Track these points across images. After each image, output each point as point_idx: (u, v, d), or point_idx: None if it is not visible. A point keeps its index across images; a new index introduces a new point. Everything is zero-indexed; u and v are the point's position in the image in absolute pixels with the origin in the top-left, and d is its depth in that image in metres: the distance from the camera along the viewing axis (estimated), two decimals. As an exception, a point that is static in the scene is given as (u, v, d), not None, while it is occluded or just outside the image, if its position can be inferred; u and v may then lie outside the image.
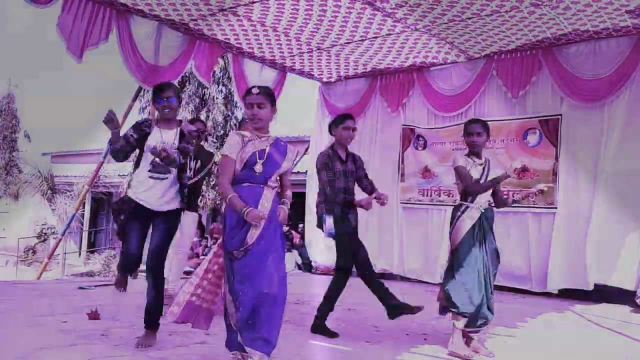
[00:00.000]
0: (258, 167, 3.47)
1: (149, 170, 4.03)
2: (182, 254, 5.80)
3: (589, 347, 4.70)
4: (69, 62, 6.76)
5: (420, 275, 8.75)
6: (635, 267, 6.92)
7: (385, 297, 4.75)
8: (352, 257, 4.78)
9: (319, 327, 4.70)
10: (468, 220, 4.23)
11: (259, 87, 3.60)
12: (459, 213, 4.29)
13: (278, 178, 3.61)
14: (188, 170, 5.09)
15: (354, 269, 4.85)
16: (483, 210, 4.27)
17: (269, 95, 3.58)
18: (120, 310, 5.26)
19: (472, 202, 4.28)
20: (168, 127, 4.17)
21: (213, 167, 6.09)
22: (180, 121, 4.31)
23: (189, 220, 5.60)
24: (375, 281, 4.84)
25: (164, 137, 4.08)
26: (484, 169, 4.35)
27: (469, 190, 4.29)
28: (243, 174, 3.49)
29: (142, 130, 4.13)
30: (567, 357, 4.29)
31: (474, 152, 4.41)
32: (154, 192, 4.02)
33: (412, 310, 4.61)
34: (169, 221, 4.11)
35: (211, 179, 13.58)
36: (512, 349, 4.46)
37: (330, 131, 5.04)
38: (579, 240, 7.32)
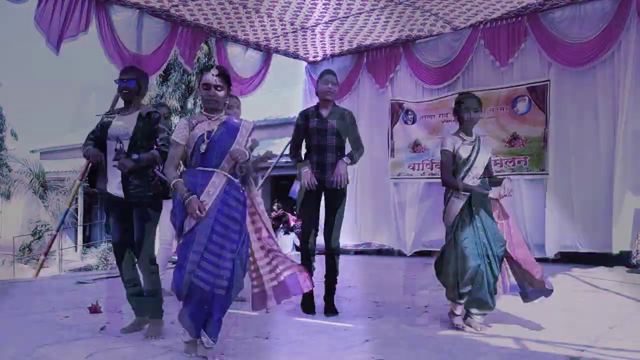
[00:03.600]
0: (203, 147, 3.38)
1: (113, 159, 4.00)
2: (165, 243, 5.73)
3: (588, 309, 4.75)
4: (52, 57, 6.66)
5: (414, 249, 8.78)
6: (629, 227, 6.98)
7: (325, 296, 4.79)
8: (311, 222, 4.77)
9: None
10: (457, 200, 4.18)
11: (217, 67, 3.53)
12: (449, 194, 4.26)
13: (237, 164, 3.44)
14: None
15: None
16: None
17: (226, 77, 3.53)
18: (121, 302, 5.25)
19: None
20: (127, 112, 4.14)
21: None
22: (143, 105, 4.26)
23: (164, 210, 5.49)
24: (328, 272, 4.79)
25: (122, 122, 4.05)
26: (473, 147, 4.24)
27: (443, 181, 4.28)
28: (194, 157, 3.45)
29: (102, 122, 4.15)
30: (567, 320, 4.33)
31: (466, 128, 4.29)
32: (120, 182, 3.99)
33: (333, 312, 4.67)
34: (142, 210, 4.02)
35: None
36: (512, 313, 4.50)
37: (316, 91, 5.05)
38: (572, 204, 7.37)
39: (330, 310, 4.68)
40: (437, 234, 7.76)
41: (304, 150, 4.97)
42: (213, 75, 3.45)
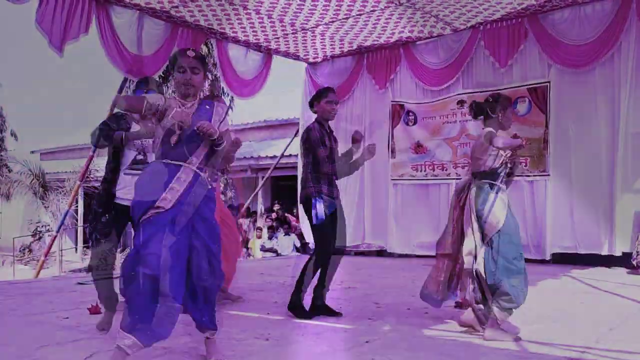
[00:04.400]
0: (174, 139, 3.04)
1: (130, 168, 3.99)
2: None
3: (588, 310, 4.74)
4: (52, 57, 6.67)
5: (416, 250, 8.79)
6: (630, 228, 6.98)
7: (319, 292, 4.66)
8: (331, 244, 4.64)
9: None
10: (501, 203, 3.86)
11: (193, 49, 3.26)
12: (493, 193, 3.89)
13: (209, 157, 3.16)
14: None
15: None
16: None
17: (204, 60, 3.27)
18: (121, 303, 5.25)
19: (498, 180, 3.93)
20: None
21: None
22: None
23: None
24: (326, 275, 4.66)
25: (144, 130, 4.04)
26: None
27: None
28: (163, 148, 3.09)
29: (120, 123, 4.08)
30: (567, 321, 4.33)
31: (507, 128, 4.12)
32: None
33: (333, 314, 4.59)
34: None
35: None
36: (512, 316, 4.49)
37: (311, 106, 4.72)
38: (572, 206, 7.38)
39: (329, 310, 4.64)
40: (437, 235, 7.79)
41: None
42: (189, 57, 3.16)
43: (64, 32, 6.54)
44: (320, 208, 4.39)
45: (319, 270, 4.60)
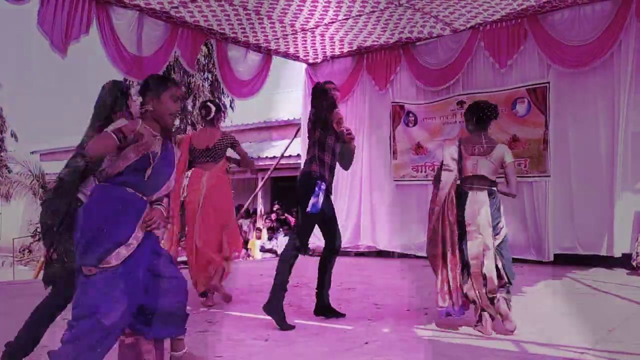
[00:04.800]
0: (148, 172, 2.77)
1: None
2: None
3: (587, 312, 4.74)
4: (52, 58, 6.66)
5: (417, 251, 8.78)
6: (630, 229, 6.98)
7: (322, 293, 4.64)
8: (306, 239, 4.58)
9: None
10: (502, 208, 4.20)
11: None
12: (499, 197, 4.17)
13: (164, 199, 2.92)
14: None
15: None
16: None
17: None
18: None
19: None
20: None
21: None
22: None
23: None
24: (328, 272, 4.64)
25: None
26: None
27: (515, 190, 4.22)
28: (129, 176, 2.75)
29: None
30: (567, 323, 4.32)
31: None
32: None
33: (336, 315, 4.56)
34: None
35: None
36: (513, 316, 4.49)
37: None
38: (572, 206, 7.38)
39: (332, 311, 4.63)
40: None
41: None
42: (181, 89, 3.01)
43: (65, 33, 6.53)
44: (320, 198, 4.26)
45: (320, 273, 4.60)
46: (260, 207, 15.17)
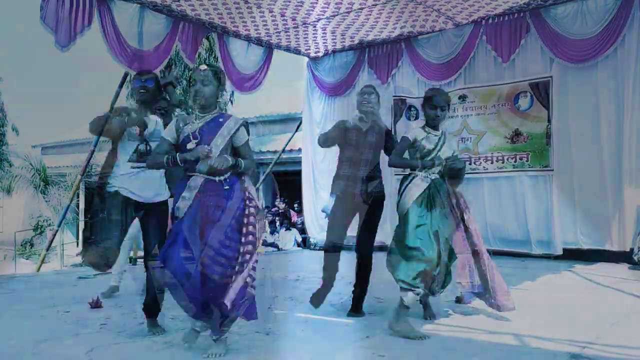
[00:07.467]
0: (190, 145, 3.30)
1: (136, 160, 3.96)
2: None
3: (589, 306, 4.74)
4: (53, 52, 6.65)
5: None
6: (632, 224, 6.96)
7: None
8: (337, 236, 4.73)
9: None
10: (414, 188, 4.15)
11: (207, 64, 3.46)
12: (407, 182, 4.25)
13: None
14: None
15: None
16: (431, 179, 4.17)
17: (216, 74, 3.41)
18: (122, 297, 5.26)
19: (420, 171, 4.18)
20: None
21: None
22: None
23: None
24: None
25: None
26: (439, 140, 4.24)
27: (394, 164, 4.47)
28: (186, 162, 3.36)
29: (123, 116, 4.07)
30: (568, 317, 4.32)
31: (433, 125, 4.26)
32: (139, 183, 3.95)
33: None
34: (158, 213, 3.97)
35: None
36: (514, 311, 4.49)
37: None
38: (575, 201, 7.37)
39: (357, 310, 4.64)
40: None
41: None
42: (200, 70, 3.37)
43: (69, 29, 6.53)
44: (330, 202, 4.56)
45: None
46: (261, 201, 15.17)
